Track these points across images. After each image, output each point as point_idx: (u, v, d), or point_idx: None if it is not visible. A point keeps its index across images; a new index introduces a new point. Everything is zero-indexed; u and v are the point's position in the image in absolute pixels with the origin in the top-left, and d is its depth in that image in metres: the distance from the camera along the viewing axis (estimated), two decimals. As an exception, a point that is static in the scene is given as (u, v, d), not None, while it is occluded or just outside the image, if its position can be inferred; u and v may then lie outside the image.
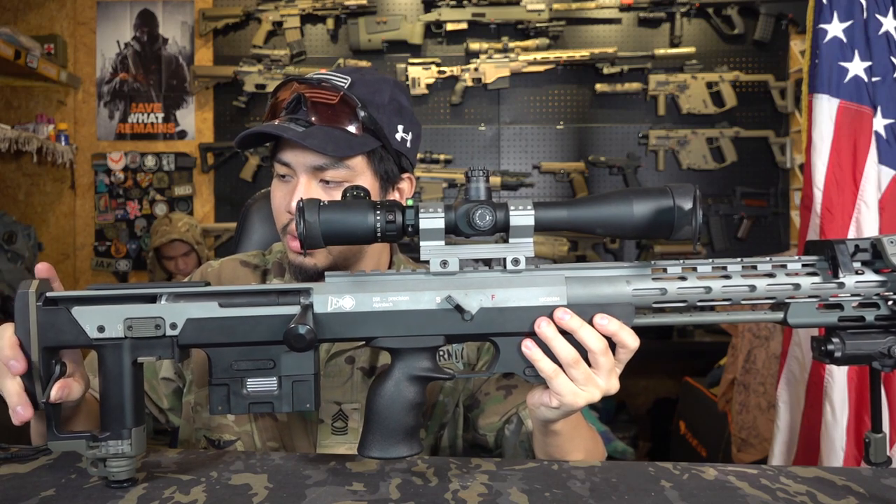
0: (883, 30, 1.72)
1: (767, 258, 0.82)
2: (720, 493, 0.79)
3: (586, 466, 0.88)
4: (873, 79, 1.72)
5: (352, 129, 1.03)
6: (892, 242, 0.78)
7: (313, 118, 1.02)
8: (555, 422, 0.89)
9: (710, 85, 3.67)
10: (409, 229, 0.78)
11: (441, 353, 1.11)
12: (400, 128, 1.08)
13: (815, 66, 1.75)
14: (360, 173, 1.05)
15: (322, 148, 0.99)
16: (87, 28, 3.88)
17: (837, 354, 0.80)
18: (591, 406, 0.85)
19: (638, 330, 0.81)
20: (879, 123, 1.71)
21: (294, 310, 0.78)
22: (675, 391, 3.52)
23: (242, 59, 3.74)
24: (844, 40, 1.72)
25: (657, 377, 3.82)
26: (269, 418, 1.09)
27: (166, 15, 3.87)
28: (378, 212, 0.77)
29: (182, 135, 3.88)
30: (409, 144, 1.10)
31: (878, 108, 1.71)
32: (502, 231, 0.79)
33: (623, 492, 0.79)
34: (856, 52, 1.72)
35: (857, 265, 0.80)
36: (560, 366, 0.80)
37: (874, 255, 0.80)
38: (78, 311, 0.78)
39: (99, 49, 3.88)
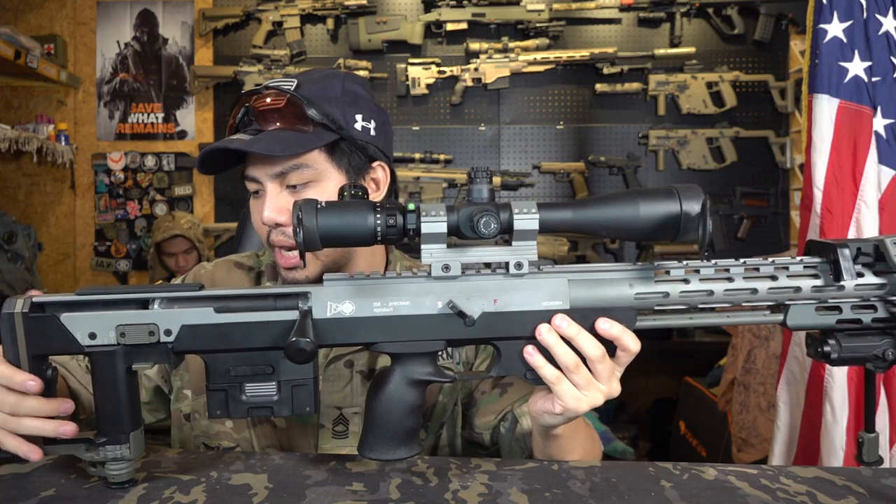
0: (883, 30, 1.71)
1: (770, 260, 0.81)
2: (720, 493, 0.79)
3: (586, 466, 0.88)
4: (873, 79, 1.72)
5: (303, 127, 1.01)
6: (894, 244, 0.77)
7: (262, 125, 1.01)
8: (556, 426, 0.89)
9: (710, 85, 3.66)
10: (411, 232, 0.76)
11: (440, 352, 1.11)
12: (358, 117, 1.06)
13: (815, 66, 1.75)
14: (324, 170, 1.03)
15: (270, 150, 0.98)
16: (87, 28, 3.87)
17: (834, 356, 0.80)
18: (592, 406, 0.85)
19: (638, 331, 0.81)
20: (879, 123, 1.71)
21: (292, 315, 0.76)
22: (675, 391, 3.51)
23: (242, 59, 3.73)
24: (844, 40, 1.72)
25: (657, 377, 3.81)
26: (268, 425, 1.08)
27: (166, 15, 3.87)
28: (378, 214, 0.74)
29: (182, 135, 3.87)
30: (373, 132, 1.07)
31: (878, 108, 1.71)
32: (506, 233, 0.77)
33: (623, 492, 0.79)
34: (856, 52, 1.71)
35: (857, 267, 0.79)
36: (562, 371, 0.80)
37: (876, 257, 0.79)
38: (67, 318, 0.75)
39: (99, 49, 3.88)
